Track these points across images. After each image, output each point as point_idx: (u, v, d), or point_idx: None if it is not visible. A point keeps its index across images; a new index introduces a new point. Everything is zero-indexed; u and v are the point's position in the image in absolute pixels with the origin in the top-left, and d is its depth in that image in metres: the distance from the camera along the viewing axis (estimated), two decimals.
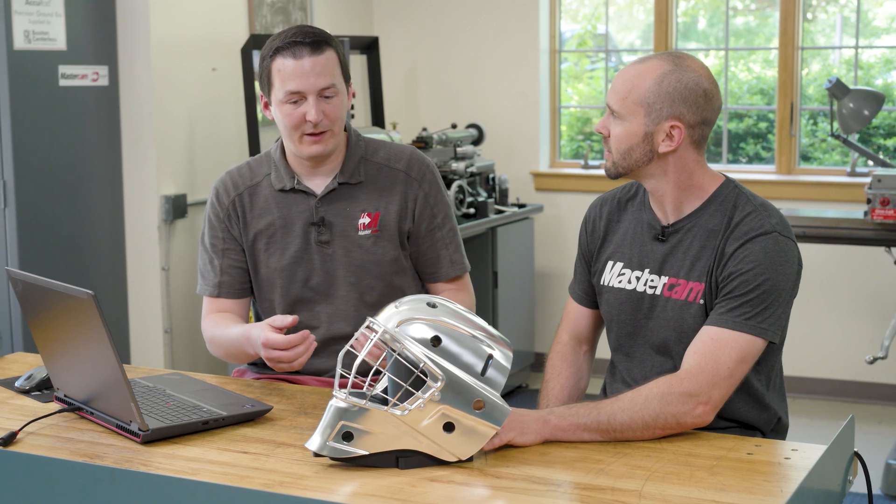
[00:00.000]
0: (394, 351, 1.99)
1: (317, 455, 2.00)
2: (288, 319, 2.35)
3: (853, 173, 5.45)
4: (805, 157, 5.78)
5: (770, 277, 2.22)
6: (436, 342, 1.98)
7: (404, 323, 2.00)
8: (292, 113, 2.54)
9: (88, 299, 2.04)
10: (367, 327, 2.03)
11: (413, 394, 1.97)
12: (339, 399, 1.98)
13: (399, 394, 1.98)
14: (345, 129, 2.66)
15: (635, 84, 2.29)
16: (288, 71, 2.52)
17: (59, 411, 2.29)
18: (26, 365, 2.72)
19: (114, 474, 1.86)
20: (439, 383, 1.96)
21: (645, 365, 2.40)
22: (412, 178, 2.67)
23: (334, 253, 2.65)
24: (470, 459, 2.01)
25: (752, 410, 2.34)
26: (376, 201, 2.65)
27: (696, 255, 2.32)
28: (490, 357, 2.01)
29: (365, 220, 2.65)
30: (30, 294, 2.29)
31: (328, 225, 2.64)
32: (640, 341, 2.40)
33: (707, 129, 2.32)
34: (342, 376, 2.00)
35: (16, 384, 2.52)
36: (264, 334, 2.33)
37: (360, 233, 2.65)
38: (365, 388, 2.04)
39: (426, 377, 1.97)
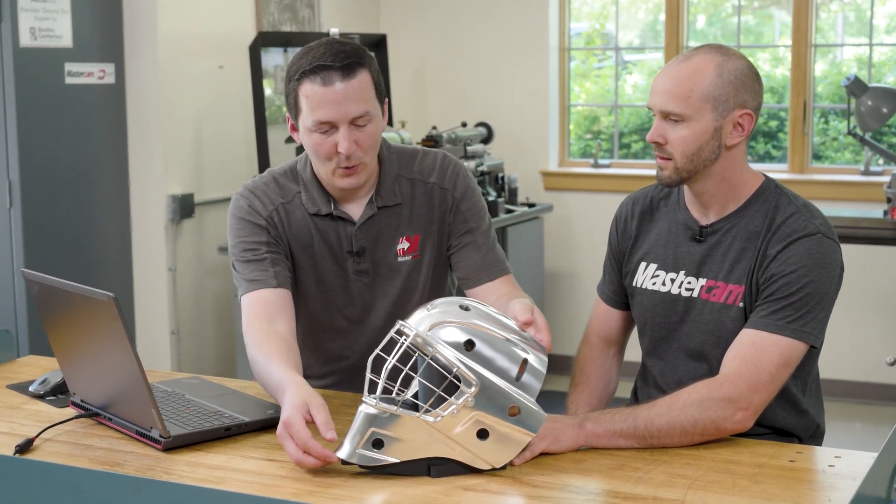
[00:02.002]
0: (425, 355, 1.92)
1: (345, 463, 1.93)
2: (328, 435, 1.93)
3: (867, 172, 5.39)
4: (816, 156, 5.72)
5: (814, 280, 2.16)
6: (469, 346, 1.91)
7: (436, 326, 1.93)
8: (323, 143, 2.30)
9: (109, 302, 1.97)
10: (398, 331, 1.96)
11: (445, 399, 1.91)
12: (369, 405, 1.92)
13: (431, 400, 1.92)
14: None
15: (696, 81, 2.22)
16: (317, 98, 2.27)
17: (77, 417, 2.23)
18: (39, 369, 2.65)
19: (139, 484, 1.79)
20: (473, 389, 1.90)
21: (678, 370, 2.34)
22: (446, 190, 2.47)
23: (372, 282, 2.47)
24: (504, 467, 1.95)
25: (790, 416, 2.27)
26: (416, 223, 2.47)
27: (737, 257, 2.26)
28: (525, 361, 1.95)
29: (404, 244, 2.47)
30: (46, 296, 2.22)
31: (367, 254, 2.46)
32: (675, 345, 2.34)
33: (759, 114, 2.29)
34: (371, 381, 1.94)
35: (30, 389, 2.45)
36: (289, 413, 1.95)
37: (400, 259, 2.47)
38: (395, 394, 1.97)
39: (459, 382, 1.90)
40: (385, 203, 2.45)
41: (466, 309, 1.96)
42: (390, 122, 5.62)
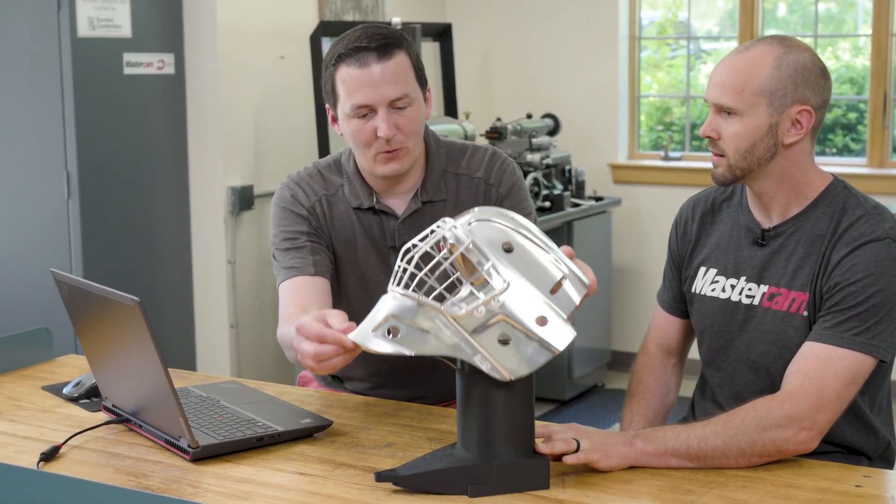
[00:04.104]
0: (459, 247, 1.80)
1: (380, 479, 1.82)
2: (344, 325, 1.85)
3: None
4: None
5: (882, 289, 2.00)
6: (507, 249, 1.79)
7: (477, 223, 1.81)
8: (362, 128, 2.24)
9: (134, 306, 1.88)
10: (437, 225, 1.85)
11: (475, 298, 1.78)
12: (395, 293, 1.80)
13: (458, 293, 1.79)
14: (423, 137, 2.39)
15: (751, 73, 2.07)
16: (353, 81, 2.21)
17: (106, 423, 2.15)
18: (76, 369, 2.58)
19: (156, 502, 1.70)
20: (504, 285, 1.77)
21: (737, 382, 2.20)
22: (491, 185, 2.38)
23: None
24: (546, 486, 1.83)
25: (858, 434, 2.12)
26: None
27: (800, 263, 2.11)
28: (563, 278, 1.80)
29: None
30: (75, 298, 2.14)
31: None
32: (734, 356, 2.20)
33: (825, 112, 2.13)
34: (402, 272, 1.81)
35: (63, 391, 2.38)
36: (301, 319, 1.89)
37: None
38: (422, 275, 1.81)
39: (490, 280, 1.78)
40: (430, 198, 2.36)
41: (512, 219, 1.84)
42: (454, 114, 5.50)
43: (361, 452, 2.01)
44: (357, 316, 2.38)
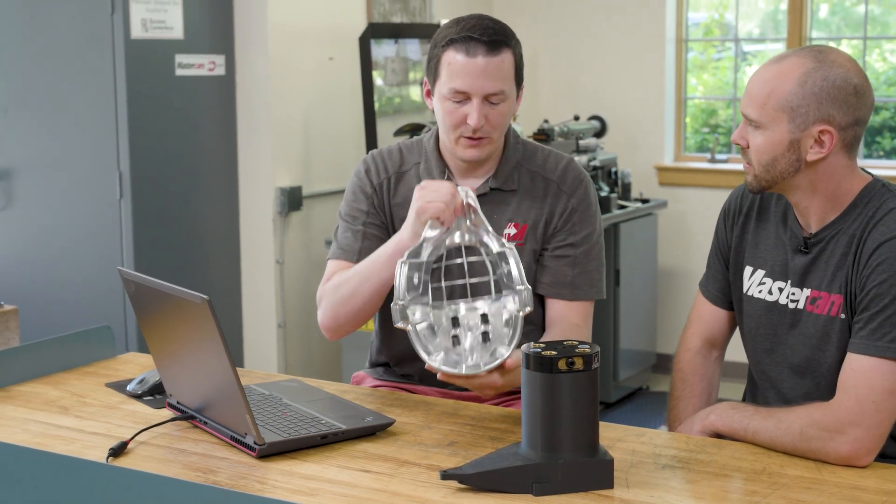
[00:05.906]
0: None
1: (444, 477, 1.84)
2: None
3: None
4: None
5: None
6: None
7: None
8: (454, 112, 2.33)
9: (203, 304, 1.91)
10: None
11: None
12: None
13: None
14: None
15: (775, 87, 2.04)
16: (458, 67, 2.31)
17: (172, 420, 2.18)
18: (138, 367, 2.61)
19: (227, 497, 1.73)
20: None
21: (783, 385, 2.19)
22: (562, 192, 2.43)
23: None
24: (611, 486, 1.84)
25: None
26: (525, 212, 2.43)
27: (838, 265, 2.07)
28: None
29: (511, 230, 2.42)
30: (142, 296, 2.17)
31: None
32: (779, 359, 2.19)
33: (860, 129, 2.06)
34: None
35: (127, 388, 2.41)
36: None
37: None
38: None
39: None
40: (500, 186, 2.44)
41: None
42: None
43: (425, 451, 2.02)
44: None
